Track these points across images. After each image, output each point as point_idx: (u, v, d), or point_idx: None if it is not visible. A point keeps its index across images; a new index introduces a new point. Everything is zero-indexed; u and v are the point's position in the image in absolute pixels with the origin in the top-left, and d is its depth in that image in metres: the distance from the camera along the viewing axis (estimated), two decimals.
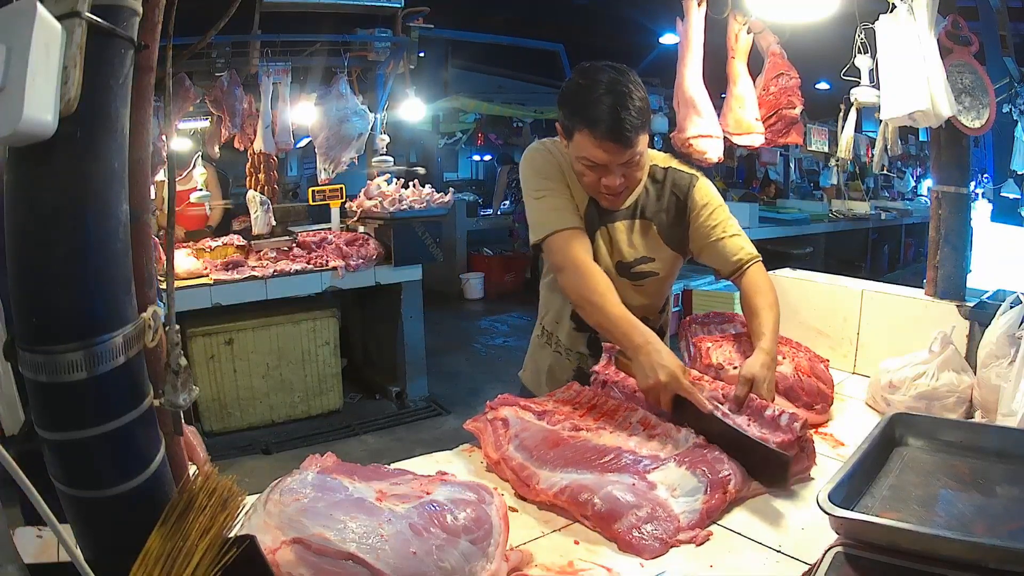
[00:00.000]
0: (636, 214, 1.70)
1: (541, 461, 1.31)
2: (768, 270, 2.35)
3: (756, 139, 2.32)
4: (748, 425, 1.38)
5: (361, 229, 4.71)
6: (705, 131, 2.25)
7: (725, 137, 2.30)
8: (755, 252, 1.74)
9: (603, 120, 1.46)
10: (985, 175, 5.40)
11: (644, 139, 1.54)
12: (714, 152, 2.27)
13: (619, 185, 1.56)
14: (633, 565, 1.09)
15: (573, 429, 1.40)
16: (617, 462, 1.29)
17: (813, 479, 1.36)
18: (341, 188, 4.71)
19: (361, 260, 4.32)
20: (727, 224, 1.73)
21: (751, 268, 1.72)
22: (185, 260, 4.11)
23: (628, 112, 1.46)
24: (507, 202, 9.00)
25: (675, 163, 1.78)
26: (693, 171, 1.76)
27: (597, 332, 1.66)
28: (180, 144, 4.93)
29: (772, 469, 1.30)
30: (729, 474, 1.26)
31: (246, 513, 0.94)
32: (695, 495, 1.22)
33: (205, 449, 1.25)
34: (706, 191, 1.73)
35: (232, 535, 0.81)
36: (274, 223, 4.86)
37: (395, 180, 4.76)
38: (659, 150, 1.87)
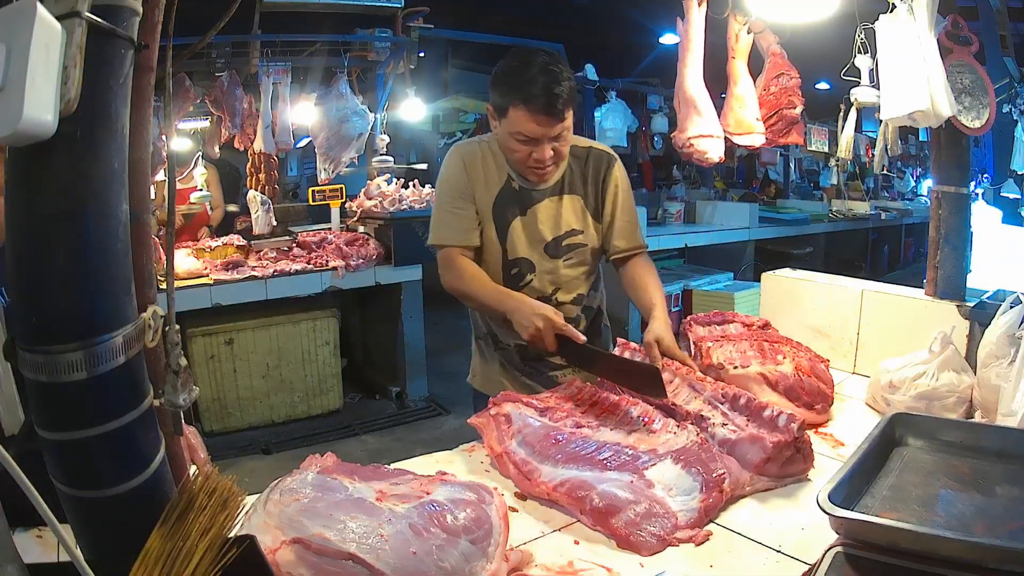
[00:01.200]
0: (563, 190, 1.81)
1: (543, 456, 1.31)
2: (768, 270, 2.36)
3: (757, 139, 2.33)
4: (746, 425, 1.38)
5: (361, 229, 4.71)
6: (706, 131, 2.25)
7: (726, 137, 2.30)
8: (645, 244, 1.90)
9: (538, 96, 1.58)
10: (985, 175, 5.40)
11: (571, 116, 1.67)
12: (715, 152, 2.27)
13: (549, 158, 1.68)
14: (633, 565, 1.09)
15: (575, 426, 1.41)
16: (616, 459, 1.29)
17: (811, 480, 1.36)
18: (341, 188, 4.70)
19: (361, 260, 4.32)
20: (630, 210, 1.87)
21: (641, 255, 1.89)
22: (185, 260, 4.11)
23: (560, 88, 1.59)
24: None
25: (596, 145, 1.90)
26: (612, 152, 1.89)
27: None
28: (180, 144, 4.92)
29: (649, 384, 1.50)
30: (724, 472, 1.26)
31: (246, 513, 0.94)
32: (691, 493, 1.23)
33: (205, 449, 1.25)
34: (622, 173, 1.87)
35: (232, 535, 0.81)
36: (274, 223, 4.85)
37: (395, 180, 4.76)
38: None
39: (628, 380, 1.56)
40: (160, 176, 3.73)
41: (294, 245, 4.56)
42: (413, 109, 5.08)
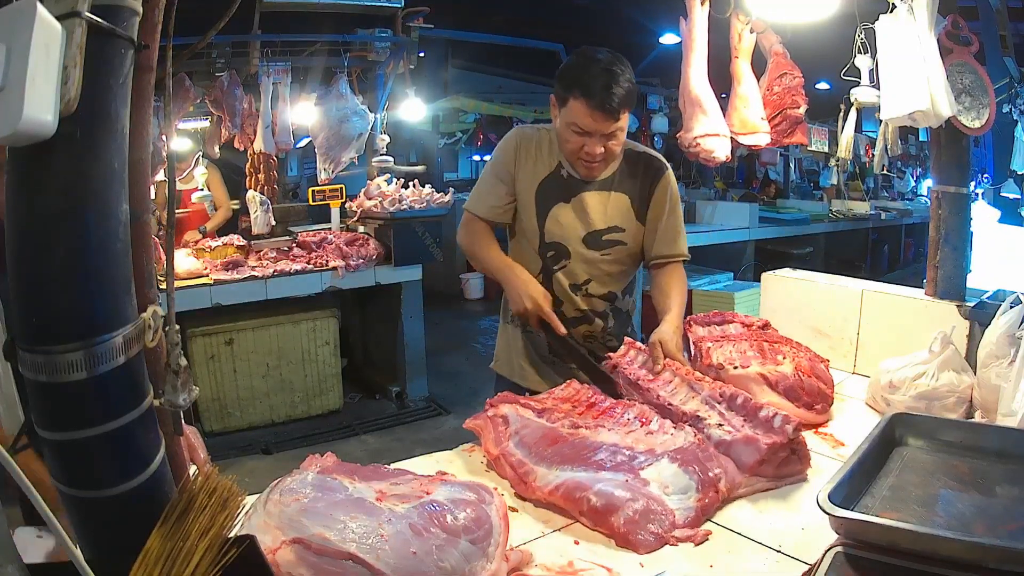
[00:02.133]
0: (612, 186, 1.85)
1: (539, 458, 1.31)
2: (768, 270, 2.36)
3: (762, 139, 2.32)
4: (742, 426, 1.38)
5: (361, 229, 4.71)
6: (712, 130, 2.24)
7: (731, 137, 2.30)
8: (687, 253, 1.92)
9: (596, 91, 1.64)
10: (985, 175, 5.40)
11: (627, 118, 1.72)
12: (722, 151, 2.27)
13: (599, 154, 1.72)
14: (633, 565, 1.09)
15: (572, 427, 1.41)
16: (612, 459, 1.29)
17: (811, 480, 1.36)
18: (341, 188, 4.70)
19: (361, 260, 4.32)
20: (678, 218, 1.91)
21: (677, 263, 1.90)
22: (185, 260, 4.11)
23: (619, 88, 1.65)
24: None
25: (651, 152, 1.95)
26: (665, 161, 1.93)
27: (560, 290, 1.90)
28: (180, 144, 4.92)
29: (606, 383, 1.64)
30: (720, 472, 1.26)
31: (246, 513, 0.94)
32: (687, 492, 1.23)
33: (205, 449, 1.25)
34: (673, 182, 1.91)
35: (232, 535, 0.81)
36: (274, 223, 4.85)
37: (395, 180, 4.76)
38: (659, 151, 1.94)
39: (593, 377, 1.72)
40: (160, 176, 3.73)
41: (294, 245, 4.55)
42: (413, 109, 5.08)
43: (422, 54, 5.00)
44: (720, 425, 1.39)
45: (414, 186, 4.67)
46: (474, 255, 1.92)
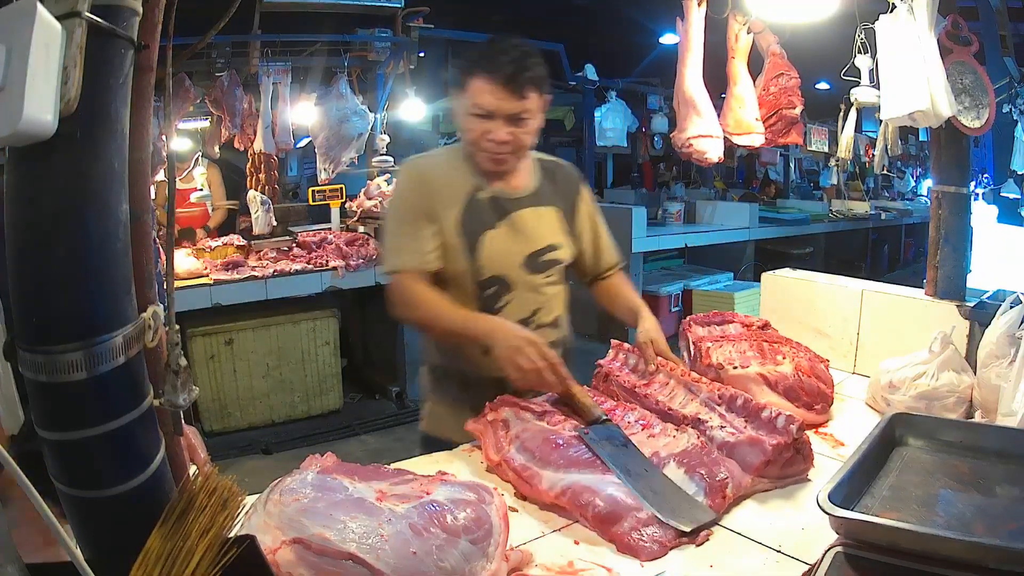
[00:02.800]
0: (541, 200, 1.71)
1: (543, 462, 1.30)
2: (768, 270, 2.36)
3: (756, 139, 2.33)
4: (745, 427, 1.38)
5: (361, 229, 4.71)
6: (706, 131, 2.25)
7: (725, 137, 2.31)
8: (621, 259, 1.88)
9: (502, 68, 1.51)
10: (985, 175, 5.40)
11: (536, 101, 1.57)
12: (714, 152, 2.27)
13: (503, 138, 1.56)
14: (633, 565, 1.09)
15: (574, 429, 1.40)
16: None
17: (811, 480, 1.36)
18: (341, 188, 4.70)
19: (361, 260, 4.32)
20: (605, 228, 1.85)
21: (619, 272, 1.87)
22: (185, 260, 4.11)
23: (526, 68, 1.53)
24: None
25: (560, 160, 1.85)
26: (575, 168, 1.86)
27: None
28: (180, 144, 4.92)
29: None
30: (727, 477, 1.25)
31: (246, 513, 0.94)
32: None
33: (205, 449, 1.25)
34: (590, 192, 1.85)
35: (232, 535, 0.81)
36: (274, 223, 4.86)
37: (395, 180, 4.76)
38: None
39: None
40: (160, 176, 3.73)
41: (294, 245, 4.55)
42: (413, 109, 5.08)
43: (422, 54, 5.00)
44: (722, 427, 1.39)
45: None
46: (427, 320, 1.59)
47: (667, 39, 7.21)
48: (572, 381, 1.46)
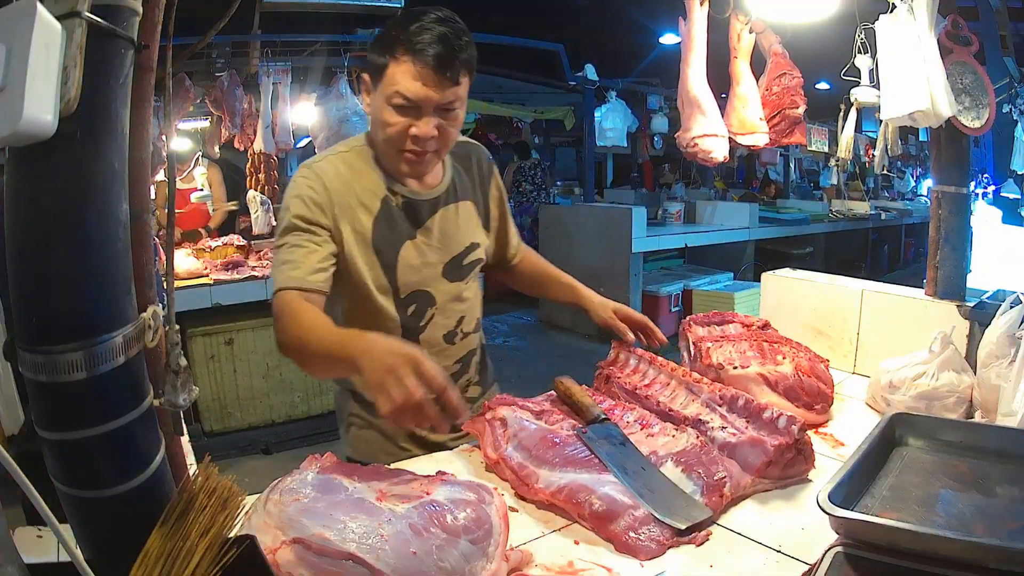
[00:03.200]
0: (456, 196, 1.51)
1: (540, 460, 1.30)
2: (768, 270, 2.36)
3: (760, 139, 2.32)
4: (746, 428, 1.38)
5: None
6: (711, 130, 2.25)
7: (729, 137, 2.30)
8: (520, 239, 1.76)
9: (431, 46, 1.26)
10: (985, 175, 5.40)
11: (466, 87, 1.35)
12: (720, 152, 2.27)
13: (430, 136, 1.33)
14: (633, 565, 1.09)
15: (572, 428, 1.40)
16: None
17: (811, 480, 1.36)
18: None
19: None
20: (508, 207, 1.71)
21: (527, 250, 1.77)
22: (185, 260, 4.11)
23: (459, 44, 1.29)
24: (510, 202, 8.98)
25: (465, 138, 1.61)
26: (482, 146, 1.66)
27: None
28: (180, 144, 4.92)
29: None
30: (725, 477, 1.25)
31: (246, 513, 0.94)
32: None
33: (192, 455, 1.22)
34: (498, 173, 1.67)
35: (232, 535, 0.81)
36: (274, 223, 4.85)
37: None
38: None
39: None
40: (160, 176, 3.73)
41: None
42: None
43: None
44: (723, 428, 1.39)
45: None
46: (303, 344, 1.25)
47: (667, 39, 7.22)
48: (464, 410, 1.05)
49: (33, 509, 0.66)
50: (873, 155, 2.38)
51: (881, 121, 1.87)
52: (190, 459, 1.17)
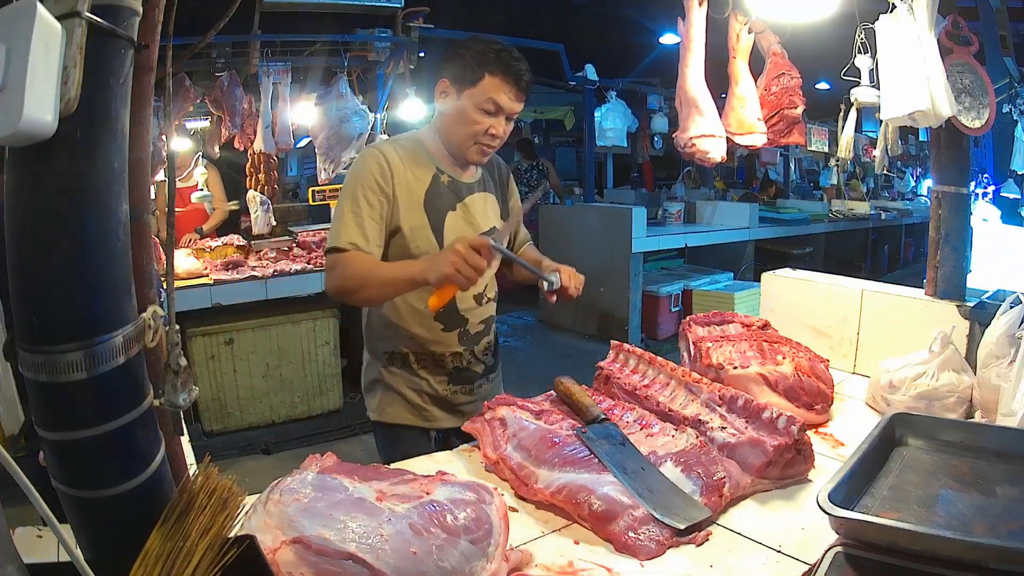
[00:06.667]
0: (484, 187, 1.87)
1: (539, 460, 1.31)
2: (768, 270, 2.36)
3: (758, 139, 2.32)
4: (746, 428, 1.38)
5: None
6: (708, 131, 2.25)
7: (727, 137, 2.30)
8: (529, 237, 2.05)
9: (515, 68, 1.64)
10: (985, 175, 5.40)
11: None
12: (717, 152, 2.27)
13: (500, 135, 1.71)
14: (633, 565, 1.09)
15: (571, 428, 1.40)
16: None
17: (811, 480, 1.36)
18: (341, 188, 4.69)
19: None
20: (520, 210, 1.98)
21: (530, 247, 2.02)
22: (185, 260, 4.11)
23: (528, 70, 1.68)
24: None
25: None
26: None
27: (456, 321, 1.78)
28: (180, 144, 4.92)
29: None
30: (724, 477, 1.25)
31: (246, 513, 0.94)
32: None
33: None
34: (513, 179, 2.02)
35: (232, 535, 0.81)
36: (274, 223, 4.86)
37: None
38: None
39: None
40: (160, 176, 3.73)
41: (294, 245, 4.55)
42: (413, 109, 5.07)
43: (422, 54, 4.99)
44: (723, 428, 1.39)
45: None
46: (368, 280, 1.59)
47: (667, 39, 7.21)
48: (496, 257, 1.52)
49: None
50: (873, 155, 2.38)
51: (881, 121, 1.87)
52: (190, 459, 1.18)
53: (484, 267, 1.44)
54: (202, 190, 4.75)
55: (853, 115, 2.17)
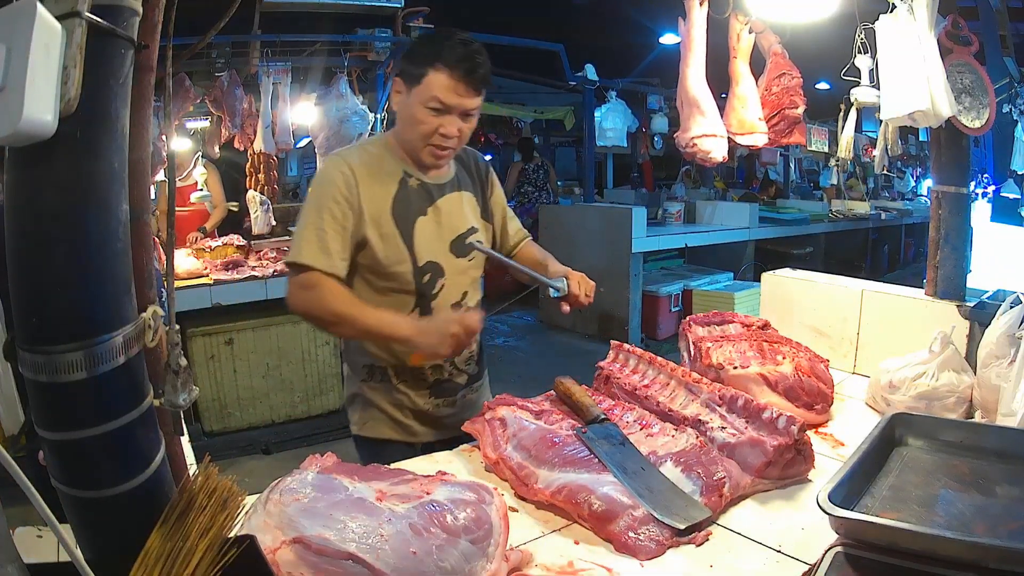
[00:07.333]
0: (459, 186, 1.76)
1: (539, 460, 1.31)
2: (768, 270, 2.36)
3: (759, 139, 2.32)
4: (746, 428, 1.38)
5: None
6: (709, 131, 2.25)
7: (728, 137, 2.30)
8: (526, 232, 1.96)
9: (462, 62, 1.52)
10: (985, 175, 5.39)
11: (482, 97, 1.61)
12: (719, 152, 2.27)
13: (454, 136, 1.59)
14: (633, 565, 1.09)
15: (571, 428, 1.40)
16: None
17: (811, 480, 1.36)
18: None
19: None
20: (508, 206, 1.93)
21: (528, 244, 1.94)
22: (185, 260, 4.11)
23: (482, 65, 1.55)
24: (511, 202, 8.98)
25: (465, 147, 1.82)
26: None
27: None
28: (180, 144, 4.92)
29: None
30: (724, 477, 1.25)
31: (246, 513, 0.94)
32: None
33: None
34: (496, 174, 1.91)
35: (232, 535, 0.81)
36: (274, 223, 4.85)
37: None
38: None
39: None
40: (160, 176, 3.73)
41: None
42: None
43: None
44: (723, 428, 1.39)
45: None
46: (343, 318, 1.52)
47: (667, 39, 7.21)
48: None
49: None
50: (873, 155, 2.38)
51: (881, 121, 1.87)
52: (190, 459, 1.18)
53: (474, 338, 1.49)
54: (202, 190, 4.75)
55: (853, 115, 2.17)
